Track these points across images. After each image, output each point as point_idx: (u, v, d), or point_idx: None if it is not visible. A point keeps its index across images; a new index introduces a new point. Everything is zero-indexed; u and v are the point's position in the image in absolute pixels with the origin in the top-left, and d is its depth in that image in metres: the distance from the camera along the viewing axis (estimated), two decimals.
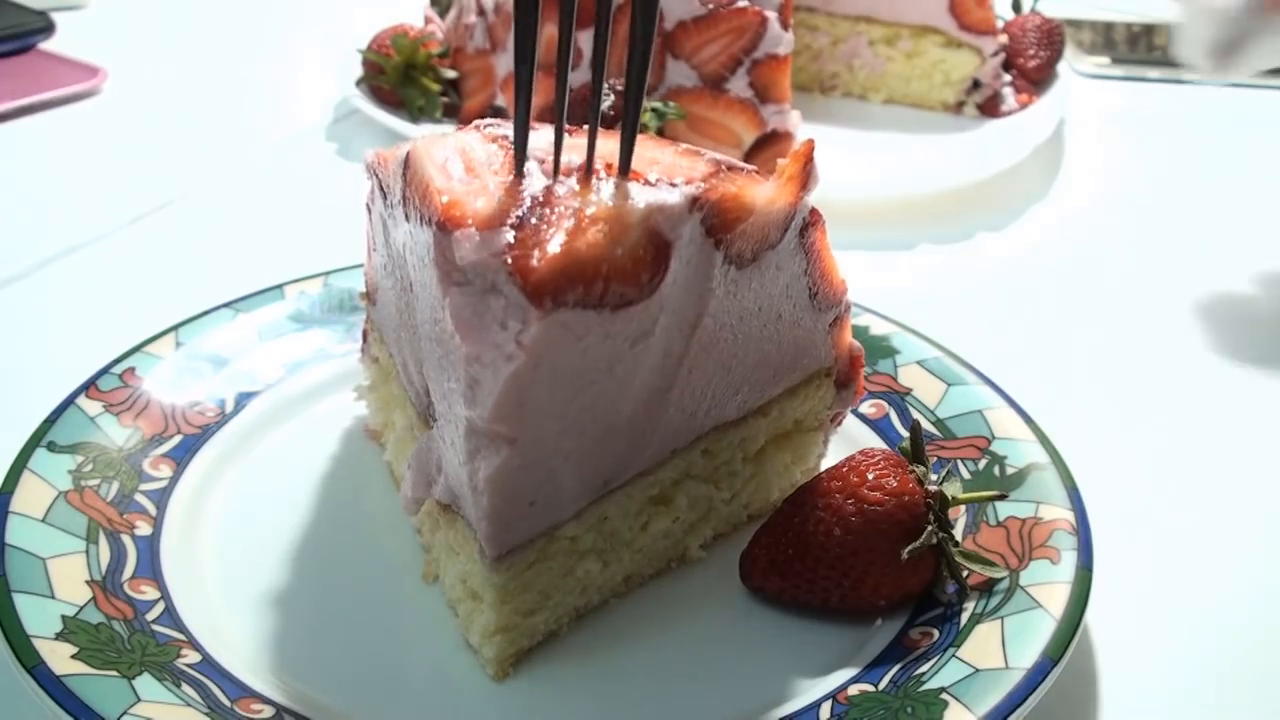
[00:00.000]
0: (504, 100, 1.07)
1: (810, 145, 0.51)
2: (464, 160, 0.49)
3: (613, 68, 1.01)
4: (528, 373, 0.44)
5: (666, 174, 0.48)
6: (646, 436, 0.52)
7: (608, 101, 0.94)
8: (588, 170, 0.47)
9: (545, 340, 0.44)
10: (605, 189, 0.46)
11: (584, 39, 1.01)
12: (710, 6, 0.98)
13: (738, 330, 0.53)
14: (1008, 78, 1.19)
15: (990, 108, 1.19)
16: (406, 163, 0.50)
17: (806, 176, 0.51)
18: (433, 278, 0.47)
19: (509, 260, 0.43)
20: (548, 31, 1.02)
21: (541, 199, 0.45)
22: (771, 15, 0.97)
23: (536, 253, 0.43)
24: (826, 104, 0.99)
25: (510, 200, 0.46)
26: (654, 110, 0.96)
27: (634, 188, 0.46)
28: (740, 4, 0.98)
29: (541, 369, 0.45)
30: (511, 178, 0.47)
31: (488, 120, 0.54)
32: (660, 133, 0.96)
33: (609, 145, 0.48)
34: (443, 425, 0.51)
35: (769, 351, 0.55)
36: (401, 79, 1.08)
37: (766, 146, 1.01)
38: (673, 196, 0.46)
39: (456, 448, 0.48)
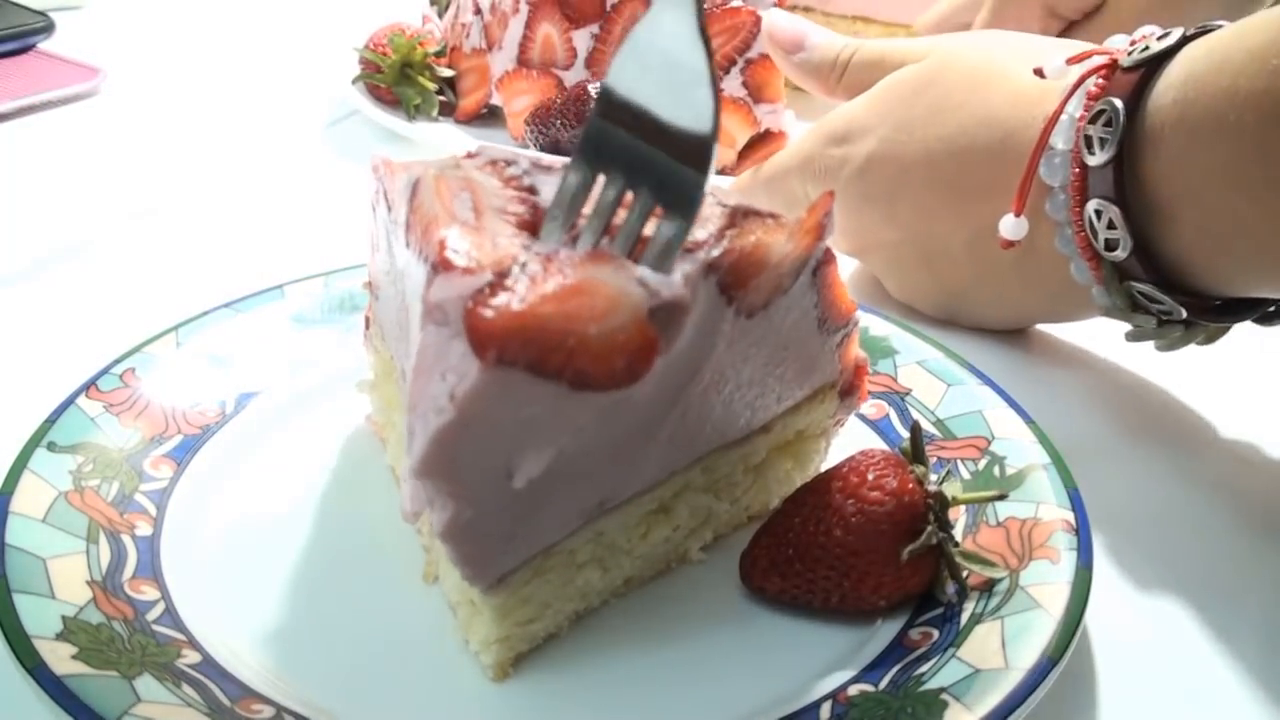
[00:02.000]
0: (499, 99, 1.08)
1: (829, 198, 0.51)
2: (474, 203, 0.48)
3: (607, 68, 1.01)
4: (457, 429, 0.43)
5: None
6: (637, 466, 0.52)
7: None
8: (609, 237, 0.46)
9: (481, 397, 0.42)
10: (612, 264, 0.44)
11: (579, 38, 1.01)
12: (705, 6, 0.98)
13: (740, 370, 0.52)
14: None
15: None
16: (415, 190, 0.50)
17: (823, 229, 0.51)
18: (419, 313, 0.46)
19: (468, 304, 0.42)
20: (545, 30, 1.02)
21: (542, 258, 0.44)
22: (765, 15, 0.97)
23: (497, 303, 0.42)
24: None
25: (508, 253, 0.45)
26: None
27: (648, 272, 0.44)
28: (734, 4, 0.98)
29: (476, 428, 0.43)
30: (519, 231, 0.47)
31: (507, 154, 0.53)
32: None
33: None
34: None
35: (772, 381, 0.55)
36: (398, 77, 1.09)
37: (759, 145, 1.02)
38: (687, 266, 0.45)
39: (428, 510, 0.48)
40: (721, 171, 1.01)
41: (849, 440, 0.63)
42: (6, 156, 1.06)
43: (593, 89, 0.97)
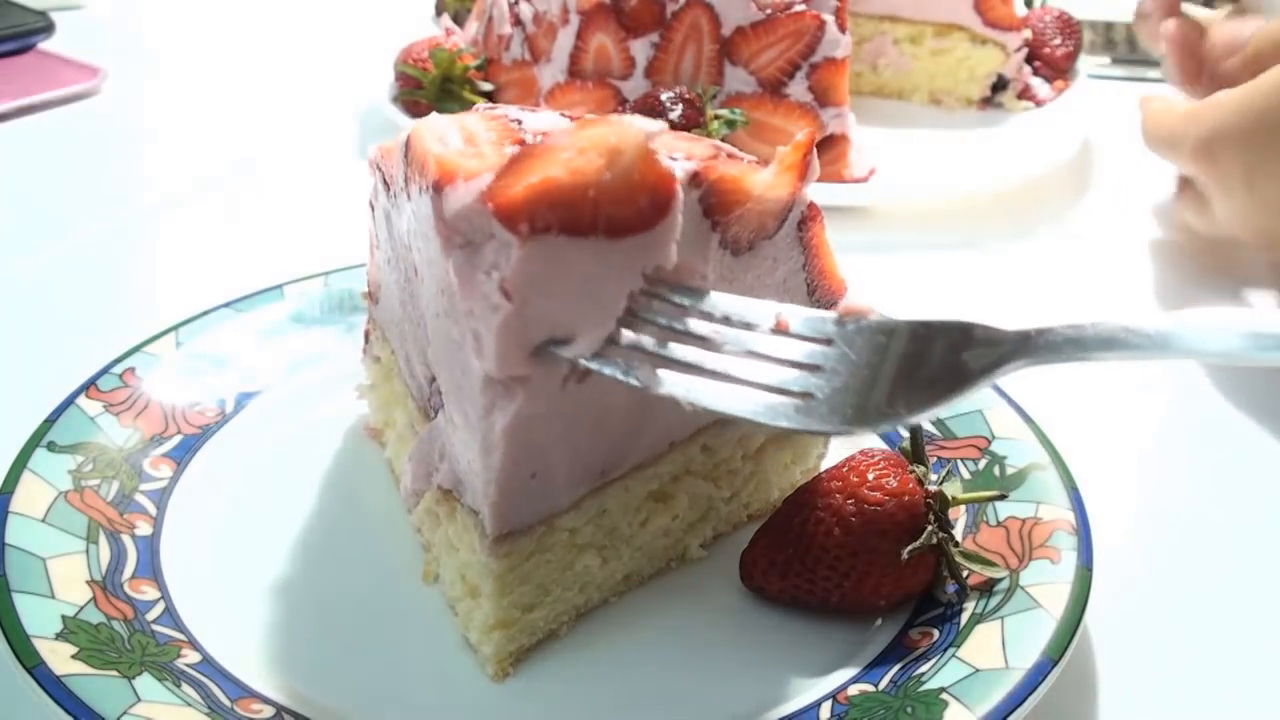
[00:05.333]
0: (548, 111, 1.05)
1: (811, 136, 0.51)
2: (463, 134, 0.49)
3: (668, 77, 1.01)
4: (519, 311, 0.43)
5: (667, 150, 0.47)
6: (643, 421, 0.52)
7: (677, 111, 0.93)
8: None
9: (529, 273, 0.43)
10: (602, 124, 0.44)
11: (637, 47, 1.01)
12: (768, 11, 0.97)
13: None
14: (1029, 70, 1.21)
15: (1027, 98, 1.20)
16: (407, 144, 0.51)
17: (805, 167, 0.51)
18: (436, 249, 0.46)
19: (485, 196, 0.43)
20: (599, 40, 1.02)
21: (534, 147, 0.44)
22: (829, 18, 0.97)
23: (513, 183, 0.43)
24: (854, 103, 1.00)
25: (502, 156, 0.45)
26: (721, 119, 0.95)
27: (635, 120, 0.44)
28: (797, 8, 0.98)
29: (535, 305, 0.44)
30: (509, 145, 0.47)
31: (486, 104, 0.54)
32: (724, 141, 0.95)
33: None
34: (449, 407, 0.50)
35: None
36: (439, 93, 1.06)
37: (825, 150, 1.00)
38: (674, 170, 0.46)
39: (470, 417, 0.48)
40: None
41: (849, 440, 0.63)
42: (6, 156, 1.06)
43: (665, 97, 0.94)
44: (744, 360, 0.44)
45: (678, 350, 0.44)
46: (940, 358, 0.43)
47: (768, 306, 0.45)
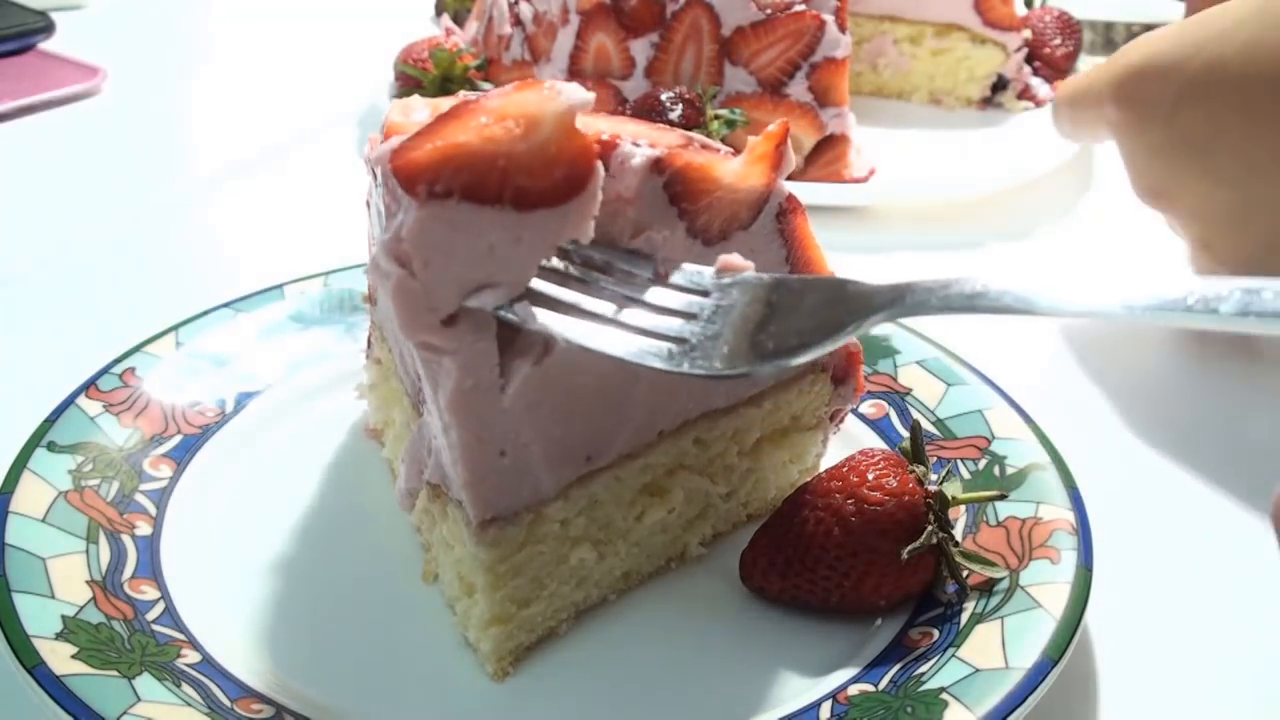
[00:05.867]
0: None
1: (784, 127, 0.51)
2: (431, 110, 0.49)
3: (668, 77, 1.01)
4: (416, 276, 0.43)
5: (633, 138, 0.48)
6: (622, 406, 0.52)
7: (677, 111, 0.93)
8: None
9: (426, 236, 0.42)
10: (531, 90, 0.44)
11: (637, 48, 1.01)
12: (768, 11, 0.98)
13: None
14: (1029, 70, 1.21)
15: (1027, 98, 1.21)
16: (385, 125, 0.51)
17: (779, 158, 0.51)
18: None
19: (393, 154, 0.43)
20: (599, 40, 1.02)
21: (456, 109, 0.44)
22: (829, 18, 0.97)
23: (421, 145, 0.42)
24: (854, 103, 1.00)
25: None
26: (721, 119, 0.95)
27: (564, 89, 0.43)
28: (797, 8, 0.98)
29: (435, 270, 0.43)
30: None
31: (467, 93, 0.54)
32: (723, 141, 0.95)
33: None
34: (426, 395, 0.50)
35: None
36: (439, 93, 1.06)
37: (825, 150, 1.01)
38: (635, 155, 0.46)
39: (430, 397, 0.48)
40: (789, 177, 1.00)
41: (849, 440, 0.64)
42: (6, 156, 1.06)
43: (665, 97, 0.94)
44: (624, 307, 0.45)
45: (560, 292, 0.45)
46: (812, 309, 0.44)
47: (649, 259, 0.47)
